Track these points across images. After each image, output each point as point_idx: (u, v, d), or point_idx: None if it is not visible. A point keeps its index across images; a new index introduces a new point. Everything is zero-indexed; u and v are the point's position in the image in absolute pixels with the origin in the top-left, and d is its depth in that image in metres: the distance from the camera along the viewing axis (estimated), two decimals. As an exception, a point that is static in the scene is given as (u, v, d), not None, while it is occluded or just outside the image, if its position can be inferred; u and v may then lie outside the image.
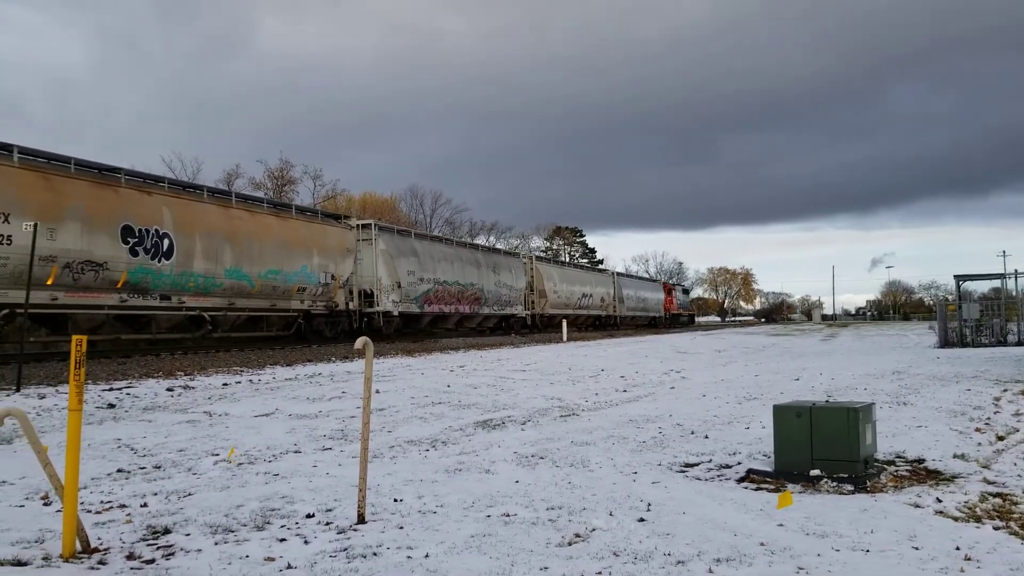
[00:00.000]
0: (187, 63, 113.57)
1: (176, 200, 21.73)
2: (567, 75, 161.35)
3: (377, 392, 13.04)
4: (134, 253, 19.57)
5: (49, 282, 17.34)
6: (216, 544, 4.91)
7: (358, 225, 30.23)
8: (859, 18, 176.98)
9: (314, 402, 12.14)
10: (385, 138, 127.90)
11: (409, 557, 4.60)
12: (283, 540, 4.99)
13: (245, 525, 5.34)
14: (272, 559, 4.60)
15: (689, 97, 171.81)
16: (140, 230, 19.78)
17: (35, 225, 13.74)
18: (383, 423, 10.19)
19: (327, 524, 5.36)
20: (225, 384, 14.21)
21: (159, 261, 20.31)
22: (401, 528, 5.23)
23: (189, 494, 6.27)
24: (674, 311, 75.22)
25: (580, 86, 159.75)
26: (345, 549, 4.77)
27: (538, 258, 50.73)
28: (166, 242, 20.57)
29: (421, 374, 16.83)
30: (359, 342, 5.48)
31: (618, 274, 64.95)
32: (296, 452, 8.23)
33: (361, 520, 5.37)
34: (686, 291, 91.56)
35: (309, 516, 5.56)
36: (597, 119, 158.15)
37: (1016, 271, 35.21)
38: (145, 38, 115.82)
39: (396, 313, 30.51)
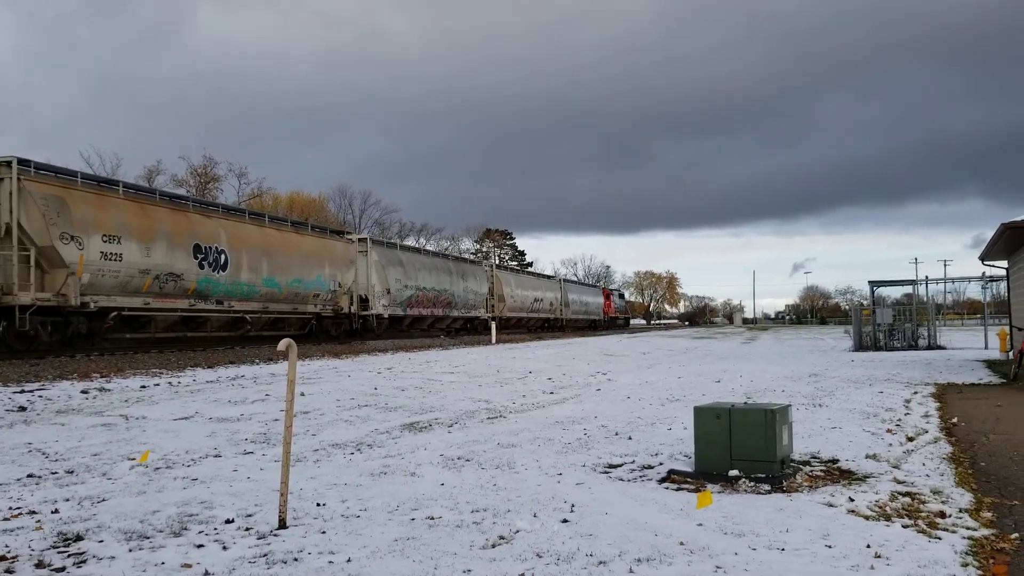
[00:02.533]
0: (117, 54, 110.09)
1: (228, 222, 26.32)
2: (505, 78, 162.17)
3: (302, 395, 12.85)
4: (201, 266, 24.01)
5: (144, 289, 21.99)
6: (130, 551, 4.78)
7: (357, 239, 35.43)
8: (798, 31, 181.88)
9: (236, 405, 11.90)
10: (317, 136, 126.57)
11: (331, 562, 4.55)
12: (201, 546, 4.87)
13: (161, 531, 5.20)
14: (189, 566, 4.50)
15: (627, 103, 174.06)
16: (205, 247, 24.27)
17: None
18: (307, 426, 10.05)
19: (247, 529, 5.26)
20: (143, 386, 13.83)
21: (217, 272, 24.77)
22: (323, 532, 5.17)
23: (103, 500, 6.07)
24: (612, 314, 79.25)
25: (518, 89, 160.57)
26: (265, 555, 4.69)
27: (498, 266, 55.72)
28: (223, 257, 25.04)
29: (348, 376, 16.64)
30: (282, 343, 5.40)
31: (564, 280, 70.06)
32: (216, 456, 8.06)
33: (282, 525, 5.28)
34: (622, 295, 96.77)
35: (228, 521, 5.44)
36: (533, 122, 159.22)
37: (927, 277, 36.67)
38: (74, 27, 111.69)
39: (386, 315, 35.34)
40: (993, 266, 25.74)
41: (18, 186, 18.92)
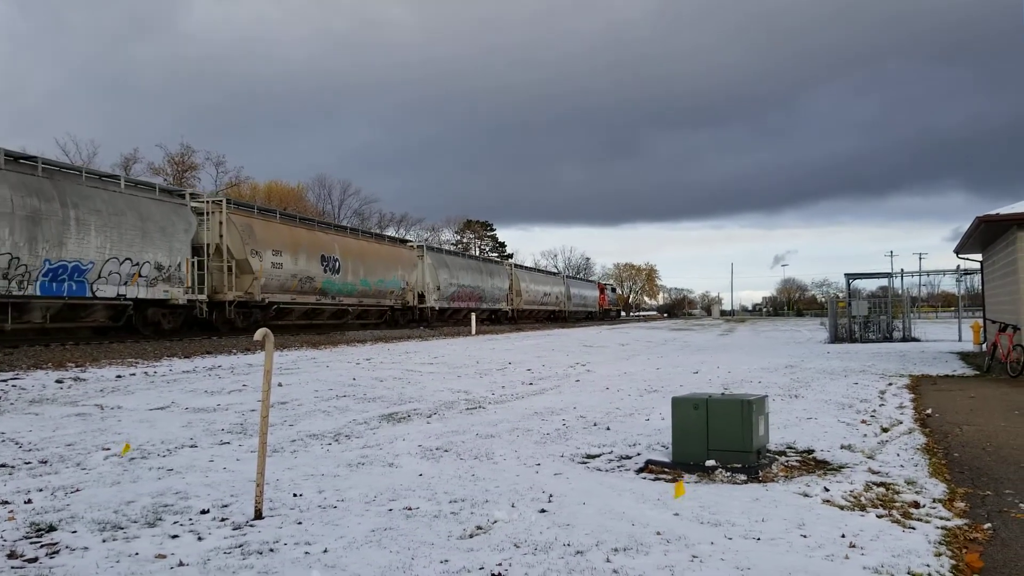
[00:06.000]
0: (109, 40, 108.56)
1: (339, 236, 35.50)
2: (496, 68, 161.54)
3: (280, 385, 12.79)
4: (325, 271, 32.61)
5: (292, 289, 30.46)
6: (104, 541, 4.73)
7: (416, 246, 44.87)
8: (791, 27, 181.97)
9: (213, 395, 11.82)
10: (301, 125, 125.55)
11: (307, 552, 4.53)
12: (175, 537, 4.84)
13: (136, 522, 5.16)
14: (163, 556, 4.46)
15: (618, 96, 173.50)
16: (327, 256, 32.97)
17: None
18: (285, 417, 10.00)
19: (223, 520, 5.22)
20: (119, 376, 13.71)
21: (334, 275, 33.28)
22: (300, 523, 5.14)
23: (77, 490, 6.02)
24: (606, 307, 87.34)
25: (508, 79, 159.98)
26: (240, 545, 4.66)
27: (516, 265, 65.04)
28: (337, 263, 33.59)
29: (326, 367, 16.59)
30: (259, 333, 5.36)
31: (567, 277, 79.98)
32: (192, 446, 8.00)
33: (258, 515, 5.25)
34: (614, 289, 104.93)
35: (204, 512, 5.40)
36: (522, 114, 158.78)
37: (902, 270, 37.00)
38: (66, 12, 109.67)
39: (436, 308, 44.32)
40: (968, 259, 26.00)
41: (226, 217, 27.31)
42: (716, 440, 6.89)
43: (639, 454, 7.64)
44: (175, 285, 24.39)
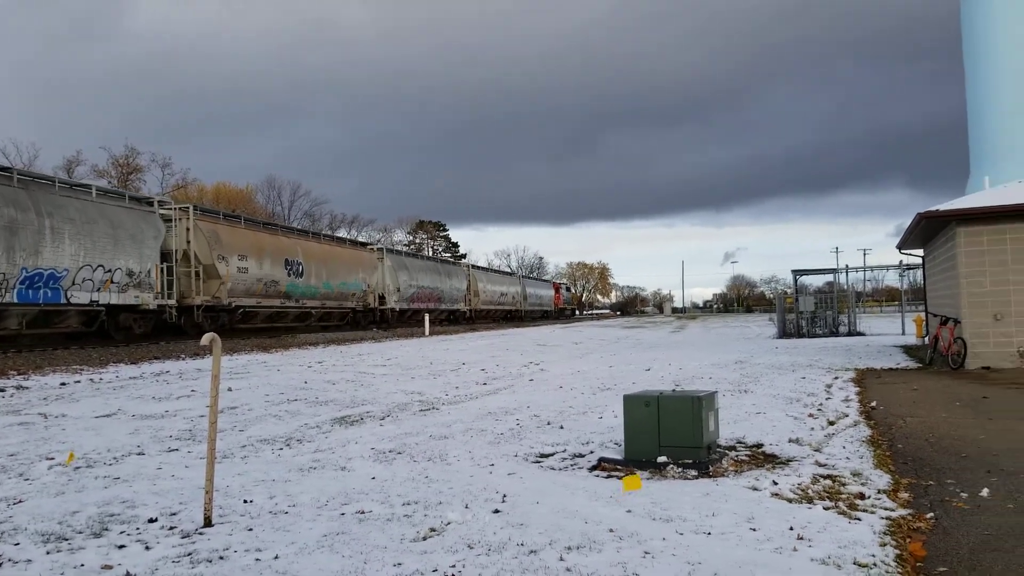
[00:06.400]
0: (49, 41, 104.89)
1: (301, 240, 36.22)
2: (450, 67, 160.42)
3: (229, 390, 12.61)
4: (289, 275, 33.19)
5: (258, 292, 30.92)
6: (48, 553, 4.63)
7: (376, 249, 45.55)
8: (750, 26, 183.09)
9: (160, 401, 11.61)
10: (252, 125, 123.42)
11: (258, 559, 4.47)
12: (122, 547, 4.74)
13: (81, 532, 5.05)
14: (109, 567, 4.37)
15: (572, 95, 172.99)
16: (290, 260, 33.51)
17: None
18: (235, 422, 9.86)
19: (171, 528, 5.13)
20: (63, 384, 13.39)
21: (298, 279, 33.85)
22: (250, 530, 5.07)
23: (20, 501, 5.87)
24: (561, 305, 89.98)
25: (465, 78, 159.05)
26: (189, 554, 4.59)
27: (473, 266, 65.74)
28: (300, 267, 34.14)
29: (277, 371, 16.39)
30: (205, 338, 5.28)
31: (523, 277, 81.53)
32: (140, 454, 7.85)
33: (208, 523, 5.18)
34: (568, 289, 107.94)
35: (152, 521, 5.31)
36: (475, 113, 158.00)
37: (847, 266, 37.78)
38: (5, 13, 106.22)
39: (397, 309, 44.91)
40: (910, 254, 26.58)
41: (193, 223, 27.85)
42: (667, 436, 6.96)
43: (592, 452, 7.69)
44: (145, 291, 25.11)
